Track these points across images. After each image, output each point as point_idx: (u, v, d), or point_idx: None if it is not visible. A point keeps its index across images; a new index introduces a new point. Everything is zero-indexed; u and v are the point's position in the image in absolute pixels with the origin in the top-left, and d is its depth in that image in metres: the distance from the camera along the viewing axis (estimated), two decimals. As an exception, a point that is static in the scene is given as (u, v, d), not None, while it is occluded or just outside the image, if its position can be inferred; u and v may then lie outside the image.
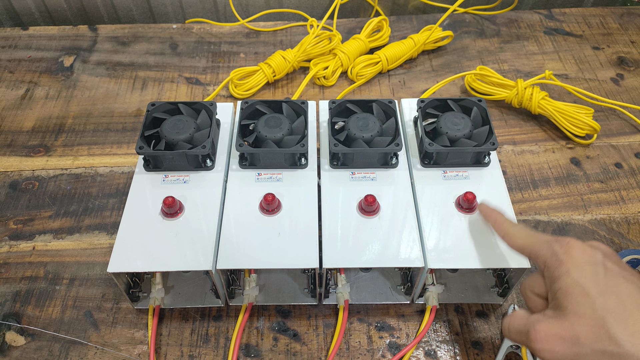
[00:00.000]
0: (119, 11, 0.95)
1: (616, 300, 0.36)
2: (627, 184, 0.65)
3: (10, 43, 0.85)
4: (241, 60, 0.83)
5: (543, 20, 0.89)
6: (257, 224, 0.50)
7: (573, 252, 0.39)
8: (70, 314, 0.54)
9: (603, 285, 0.37)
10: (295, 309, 0.54)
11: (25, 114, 0.74)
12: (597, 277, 0.37)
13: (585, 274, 0.37)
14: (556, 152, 0.69)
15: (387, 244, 0.49)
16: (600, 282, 0.37)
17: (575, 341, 0.35)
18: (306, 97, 0.77)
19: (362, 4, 0.97)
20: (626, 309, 0.35)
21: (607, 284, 0.37)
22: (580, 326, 0.36)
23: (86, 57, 0.83)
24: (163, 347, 0.51)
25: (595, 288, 0.36)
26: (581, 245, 0.39)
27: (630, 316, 0.35)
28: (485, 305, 0.54)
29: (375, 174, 0.54)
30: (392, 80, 0.79)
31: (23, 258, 0.58)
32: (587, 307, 0.36)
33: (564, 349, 0.36)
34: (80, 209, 0.63)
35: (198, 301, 0.54)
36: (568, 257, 0.39)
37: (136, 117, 0.74)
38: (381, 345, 0.52)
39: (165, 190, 0.53)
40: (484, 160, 0.55)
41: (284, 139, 0.53)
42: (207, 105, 0.57)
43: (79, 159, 0.68)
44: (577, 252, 0.39)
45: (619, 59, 0.82)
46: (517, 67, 0.81)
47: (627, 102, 0.75)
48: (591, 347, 0.35)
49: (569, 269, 0.38)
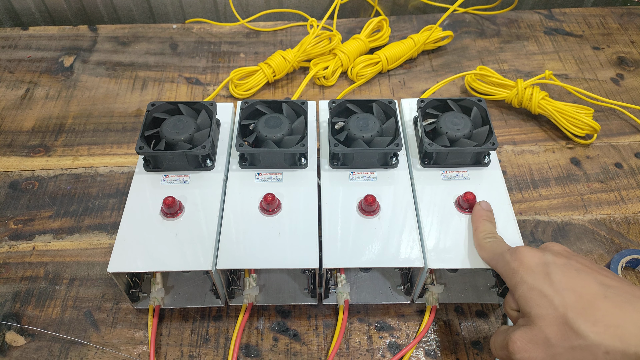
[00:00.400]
0: (119, 11, 0.95)
1: (573, 295, 0.37)
2: (627, 184, 0.65)
3: (10, 43, 0.85)
4: (241, 60, 0.83)
5: (543, 20, 0.89)
6: (257, 224, 0.50)
7: (524, 259, 0.40)
8: (70, 314, 0.54)
9: (558, 283, 0.38)
10: (295, 309, 0.54)
11: (25, 114, 0.74)
12: (551, 276, 0.38)
13: (538, 277, 0.39)
14: (556, 152, 0.69)
15: (387, 244, 0.49)
16: (554, 281, 0.38)
17: (547, 343, 0.36)
18: (306, 97, 0.77)
19: (362, 4, 0.97)
20: (584, 300, 0.36)
21: (561, 281, 0.38)
22: (547, 327, 0.36)
23: (86, 57, 0.83)
24: (163, 347, 0.51)
25: (550, 287, 0.38)
26: (530, 250, 0.41)
27: (589, 307, 0.36)
28: (485, 305, 0.54)
29: (375, 174, 0.54)
30: (392, 80, 0.79)
31: (23, 258, 0.58)
32: (548, 308, 0.37)
33: (540, 353, 0.36)
34: (80, 209, 0.63)
35: (198, 301, 0.54)
36: (519, 264, 0.40)
37: (136, 117, 0.74)
38: (381, 345, 0.52)
39: (165, 190, 0.53)
40: (483, 160, 0.55)
41: (284, 139, 0.53)
42: (207, 105, 0.57)
43: (79, 159, 0.68)
44: (527, 258, 0.40)
45: (619, 59, 0.82)
46: (517, 67, 0.81)
47: (627, 102, 0.75)
48: (562, 345, 0.35)
49: (522, 276, 0.39)
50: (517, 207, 0.63)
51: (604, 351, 0.34)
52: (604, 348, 0.34)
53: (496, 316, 0.54)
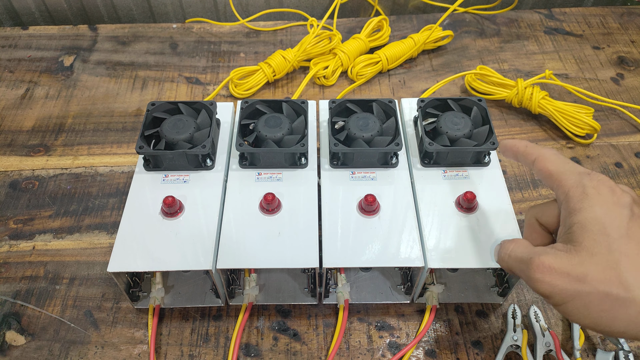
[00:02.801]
0: (119, 11, 0.95)
1: (635, 247, 0.34)
2: (627, 184, 0.65)
3: (10, 43, 0.85)
4: (241, 60, 0.83)
5: (543, 19, 0.89)
6: (257, 224, 0.50)
7: (602, 189, 0.36)
8: (70, 313, 0.54)
9: (625, 229, 0.34)
10: (295, 309, 0.54)
11: (25, 113, 0.74)
12: (621, 219, 0.35)
13: (609, 213, 0.35)
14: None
15: (387, 243, 0.49)
16: (622, 225, 0.35)
17: (581, 279, 0.34)
18: (306, 96, 0.77)
19: (362, 4, 0.97)
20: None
21: (630, 229, 0.35)
22: (591, 265, 0.34)
23: (86, 56, 0.83)
24: (163, 347, 0.51)
25: (616, 230, 0.34)
26: (612, 184, 0.37)
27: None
28: (485, 305, 0.54)
29: (375, 174, 0.54)
30: (392, 80, 0.79)
31: (23, 258, 0.58)
32: (603, 247, 0.34)
33: (566, 284, 0.34)
34: (80, 208, 0.63)
35: (198, 301, 0.54)
36: (595, 192, 0.36)
37: (136, 116, 0.74)
38: (381, 345, 0.52)
39: (165, 190, 0.53)
40: (484, 160, 0.55)
41: (284, 138, 0.53)
42: (207, 104, 0.57)
43: (79, 158, 0.68)
44: (606, 190, 0.36)
45: (619, 58, 0.82)
46: (517, 66, 0.81)
47: (627, 101, 0.75)
48: (597, 287, 0.33)
49: (592, 204, 0.36)
50: (517, 207, 0.63)
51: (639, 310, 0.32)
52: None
53: (496, 316, 0.54)
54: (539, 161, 0.41)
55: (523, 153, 0.43)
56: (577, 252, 0.35)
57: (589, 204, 0.36)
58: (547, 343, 0.50)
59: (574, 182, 0.38)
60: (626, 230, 0.34)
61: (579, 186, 0.37)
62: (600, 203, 0.36)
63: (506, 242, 0.41)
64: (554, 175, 0.40)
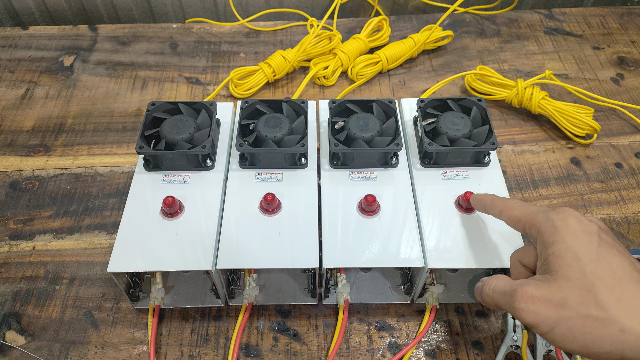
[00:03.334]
0: (119, 11, 0.95)
1: (607, 269, 0.36)
2: (627, 184, 0.65)
3: (10, 43, 0.85)
4: (241, 60, 0.83)
5: (543, 20, 0.89)
6: (257, 224, 0.50)
7: (569, 220, 0.39)
8: (70, 313, 0.54)
9: (595, 254, 0.37)
10: (295, 309, 0.54)
11: (25, 113, 0.74)
12: (591, 245, 0.37)
13: (579, 242, 0.38)
14: (556, 152, 0.69)
15: (387, 243, 0.49)
16: (593, 250, 0.37)
17: (562, 304, 0.36)
18: (306, 96, 0.77)
19: (362, 4, 0.97)
20: (616, 277, 0.35)
21: (600, 253, 0.37)
22: (569, 289, 0.36)
23: (86, 56, 0.83)
24: (163, 347, 0.51)
25: (587, 255, 0.37)
26: (578, 214, 0.40)
27: (618, 284, 0.35)
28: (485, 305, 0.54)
29: (375, 174, 0.54)
30: (392, 80, 0.79)
31: (23, 258, 0.58)
32: (578, 272, 0.36)
33: (548, 311, 0.36)
34: (80, 208, 0.63)
35: (198, 301, 0.54)
36: (564, 224, 0.39)
37: (136, 116, 0.74)
38: (381, 345, 0.52)
39: (165, 190, 0.53)
40: (483, 160, 0.55)
41: (284, 138, 0.53)
42: (207, 105, 0.57)
43: (79, 158, 0.68)
44: (574, 221, 0.39)
45: (619, 58, 0.82)
46: (517, 67, 0.81)
47: (627, 102, 0.75)
48: (577, 310, 0.35)
49: (563, 236, 0.38)
50: (517, 207, 0.63)
51: (619, 328, 0.34)
52: (621, 325, 0.33)
53: (496, 316, 0.54)
54: (505, 211, 0.44)
55: (490, 206, 0.46)
56: (555, 280, 0.37)
57: (559, 236, 0.38)
58: (547, 344, 0.50)
59: (543, 219, 0.40)
60: (596, 254, 0.37)
61: (548, 221, 0.40)
62: (570, 233, 0.38)
63: (488, 278, 0.42)
64: (522, 219, 0.43)
